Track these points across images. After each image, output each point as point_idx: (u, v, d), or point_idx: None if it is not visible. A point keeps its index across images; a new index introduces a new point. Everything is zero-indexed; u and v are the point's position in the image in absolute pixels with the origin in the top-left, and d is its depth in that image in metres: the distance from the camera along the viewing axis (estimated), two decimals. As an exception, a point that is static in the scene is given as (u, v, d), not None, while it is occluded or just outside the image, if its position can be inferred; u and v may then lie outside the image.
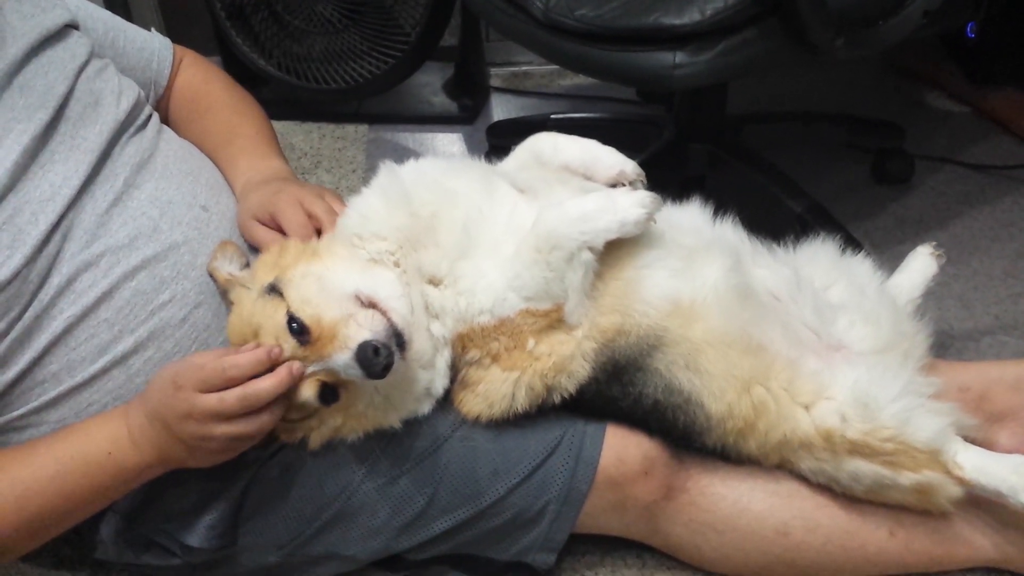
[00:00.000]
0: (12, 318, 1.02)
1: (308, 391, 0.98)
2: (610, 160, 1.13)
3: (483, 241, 1.06)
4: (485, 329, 1.05)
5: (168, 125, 1.32)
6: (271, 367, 0.96)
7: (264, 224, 1.15)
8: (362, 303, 1.00)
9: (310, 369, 0.97)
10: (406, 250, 1.06)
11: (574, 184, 1.12)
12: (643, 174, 1.13)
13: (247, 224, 1.16)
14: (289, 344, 0.97)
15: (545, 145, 1.17)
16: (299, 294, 0.99)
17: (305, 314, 0.97)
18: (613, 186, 1.13)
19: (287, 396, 0.98)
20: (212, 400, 0.94)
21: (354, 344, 0.94)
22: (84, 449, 1.01)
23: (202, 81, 1.38)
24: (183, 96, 1.36)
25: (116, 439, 1.00)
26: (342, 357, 0.94)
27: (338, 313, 0.97)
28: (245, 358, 0.95)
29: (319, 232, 1.12)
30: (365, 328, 0.95)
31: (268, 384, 0.95)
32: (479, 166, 1.17)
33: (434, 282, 1.06)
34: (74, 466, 1.00)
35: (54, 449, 1.01)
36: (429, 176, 1.11)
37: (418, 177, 1.11)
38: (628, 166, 1.13)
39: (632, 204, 1.03)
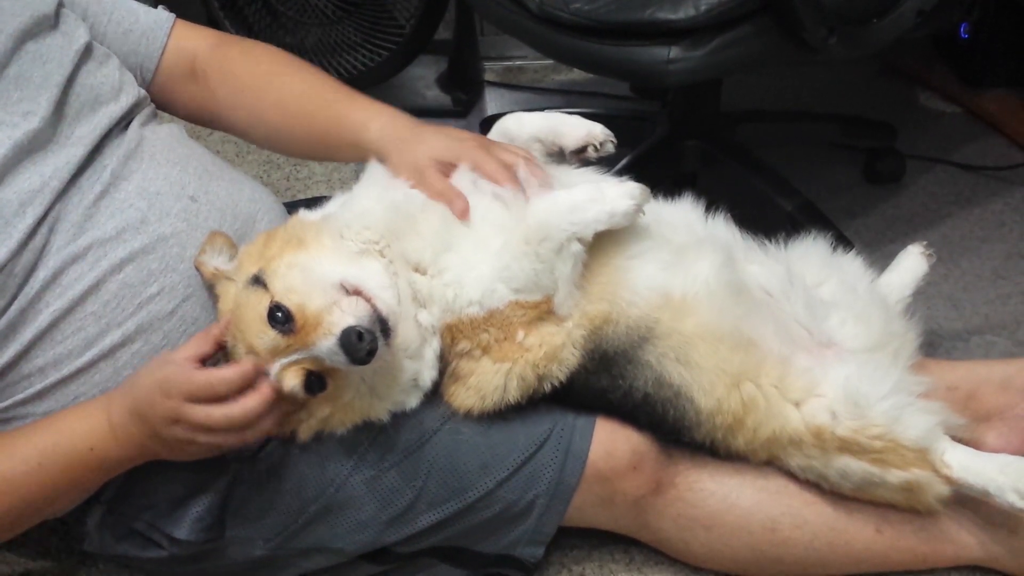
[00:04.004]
0: None
1: (293, 380, 0.97)
2: (575, 123, 1.14)
3: (468, 232, 1.06)
4: (474, 321, 1.04)
5: (219, 109, 1.27)
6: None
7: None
8: (347, 291, 1.00)
9: (295, 357, 0.97)
10: (389, 239, 1.06)
11: (556, 177, 1.12)
12: (611, 135, 1.13)
13: (426, 168, 1.10)
14: (271, 335, 0.97)
15: (511, 123, 1.18)
16: (284, 284, 0.99)
17: (290, 302, 0.97)
18: (583, 149, 1.13)
19: (271, 412, 0.98)
20: (200, 414, 0.94)
21: (338, 330, 0.94)
22: (66, 443, 1.00)
23: (249, 58, 1.29)
24: (234, 73, 1.27)
25: (98, 433, 1.00)
26: (326, 343, 0.94)
27: (322, 301, 0.97)
28: (233, 372, 0.95)
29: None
30: (349, 314, 0.95)
31: (253, 404, 0.95)
32: None
33: (420, 270, 1.06)
34: (55, 459, 0.99)
35: (35, 441, 1.01)
36: None
37: None
38: (596, 128, 1.13)
39: (621, 195, 1.03)
